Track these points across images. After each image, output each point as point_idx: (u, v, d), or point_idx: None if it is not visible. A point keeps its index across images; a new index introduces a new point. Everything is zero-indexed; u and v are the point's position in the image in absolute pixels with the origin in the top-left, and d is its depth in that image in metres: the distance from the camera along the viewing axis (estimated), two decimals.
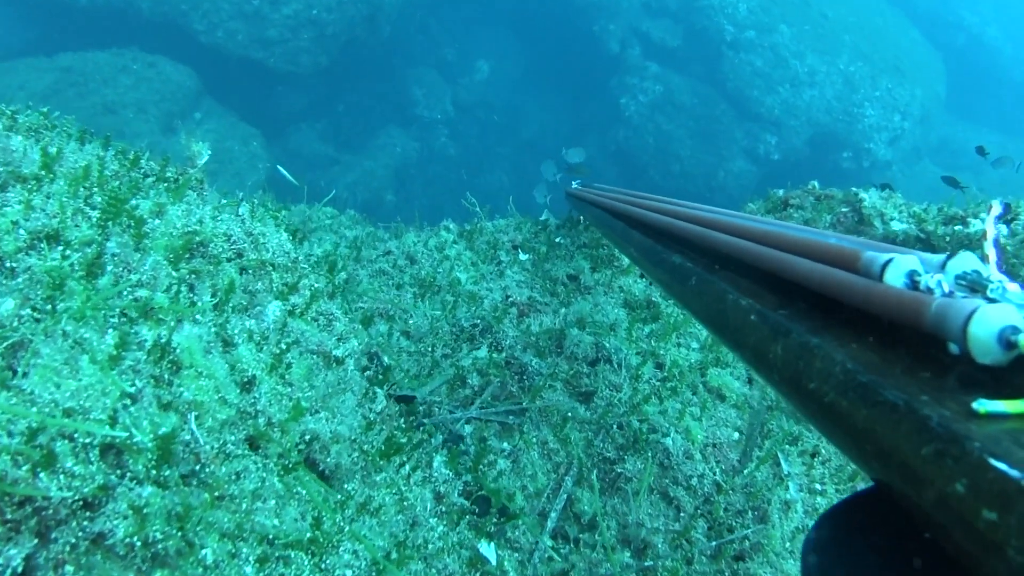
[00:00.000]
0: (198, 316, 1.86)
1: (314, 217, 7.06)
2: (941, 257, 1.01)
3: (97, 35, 15.04)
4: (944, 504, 0.72)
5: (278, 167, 14.80)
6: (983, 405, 0.76)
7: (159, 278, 1.86)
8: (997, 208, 1.08)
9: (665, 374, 3.85)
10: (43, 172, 1.97)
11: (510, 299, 4.16)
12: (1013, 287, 0.90)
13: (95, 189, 2.00)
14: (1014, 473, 0.65)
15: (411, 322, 4.01)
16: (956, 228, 4.62)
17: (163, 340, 1.68)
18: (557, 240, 4.88)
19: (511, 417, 3.50)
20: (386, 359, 3.00)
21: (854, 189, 5.49)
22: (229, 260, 2.22)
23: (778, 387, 1.13)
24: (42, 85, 13.51)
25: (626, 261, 4.47)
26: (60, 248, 1.75)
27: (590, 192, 3.31)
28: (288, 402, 1.90)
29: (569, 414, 3.48)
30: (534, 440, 3.37)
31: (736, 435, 3.59)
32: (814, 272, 1.14)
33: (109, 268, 1.79)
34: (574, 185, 4.02)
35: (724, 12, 20.03)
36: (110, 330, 1.62)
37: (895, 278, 1.01)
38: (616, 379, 3.70)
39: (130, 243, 1.90)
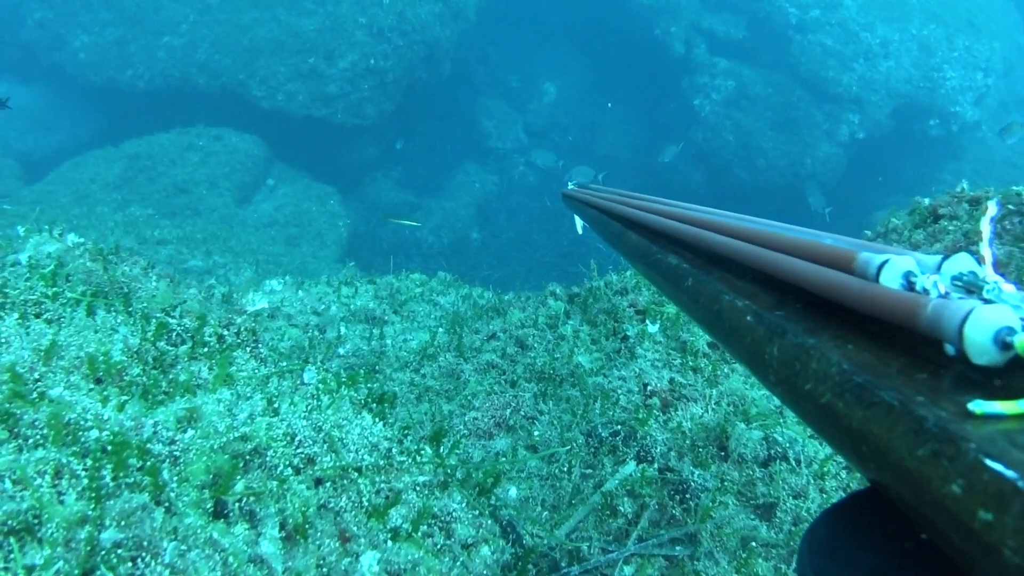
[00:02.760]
0: None
1: (403, 288, 6.56)
2: (937, 258, 0.98)
3: (160, 117, 15.11)
4: (940, 505, 0.70)
5: (391, 220, 14.53)
6: (979, 406, 0.72)
7: (190, 566, 1.28)
8: (993, 209, 1.02)
9: None
10: (13, 401, 1.43)
11: (649, 388, 3.51)
12: (1009, 288, 0.87)
13: (90, 419, 1.45)
14: (1010, 474, 0.63)
15: (535, 433, 3.40)
16: None
17: None
18: None
19: (678, 548, 2.86)
20: (524, 531, 2.39)
21: (1015, 188, 4.60)
22: (297, 471, 1.64)
23: (774, 388, 1.11)
24: (112, 175, 13.56)
25: None
26: (34, 547, 1.19)
27: (586, 193, 2.94)
28: None
29: (753, 543, 2.81)
30: None
31: None
32: (810, 273, 1.12)
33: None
34: (570, 186, 3.54)
35: None
36: None
37: (891, 279, 0.97)
38: (798, 481, 3.01)
39: (145, 502, 1.33)
